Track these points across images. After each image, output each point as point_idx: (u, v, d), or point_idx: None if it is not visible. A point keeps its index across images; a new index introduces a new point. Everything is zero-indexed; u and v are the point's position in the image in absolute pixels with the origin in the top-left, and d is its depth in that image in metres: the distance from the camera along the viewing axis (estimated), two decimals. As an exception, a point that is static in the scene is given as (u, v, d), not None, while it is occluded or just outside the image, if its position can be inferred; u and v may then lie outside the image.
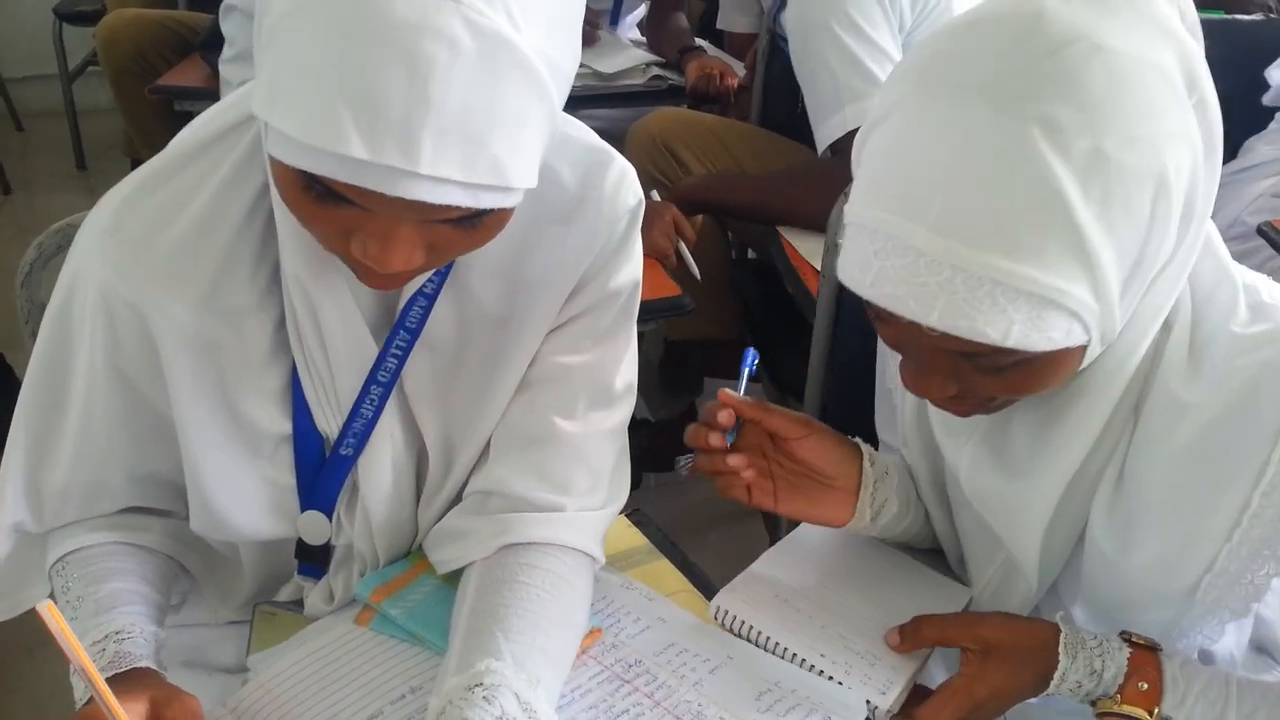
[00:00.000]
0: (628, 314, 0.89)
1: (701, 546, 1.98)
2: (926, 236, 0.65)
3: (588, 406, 0.87)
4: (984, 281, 0.65)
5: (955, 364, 0.74)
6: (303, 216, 0.68)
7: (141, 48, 2.71)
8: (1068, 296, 0.66)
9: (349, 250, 0.68)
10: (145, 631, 0.80)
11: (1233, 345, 0.76)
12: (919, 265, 0.66)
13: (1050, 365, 0.72)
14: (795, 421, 0.92)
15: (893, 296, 0.68)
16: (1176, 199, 0.67)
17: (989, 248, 0.65)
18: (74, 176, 3.72)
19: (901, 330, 0.72)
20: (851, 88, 1.63)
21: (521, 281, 0.84)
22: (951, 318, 0.66)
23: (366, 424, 0.84)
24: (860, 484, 0.94)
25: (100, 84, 3.05)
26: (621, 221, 0.85)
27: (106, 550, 0.85)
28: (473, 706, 0.70)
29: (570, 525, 0.86)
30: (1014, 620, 0.86)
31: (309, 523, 0.87)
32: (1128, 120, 0.64)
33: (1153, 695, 0.80)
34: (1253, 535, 0.76)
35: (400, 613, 0.86)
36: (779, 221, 1.76)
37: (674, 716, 0.81)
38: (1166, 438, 0.78)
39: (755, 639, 0.87)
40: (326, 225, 0.68)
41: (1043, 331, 0.67)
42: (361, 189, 0.62)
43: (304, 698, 0.81)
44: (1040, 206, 0.64)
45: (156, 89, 2.30)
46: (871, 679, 0.84)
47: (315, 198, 0.65)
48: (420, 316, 0.83)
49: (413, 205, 0.63)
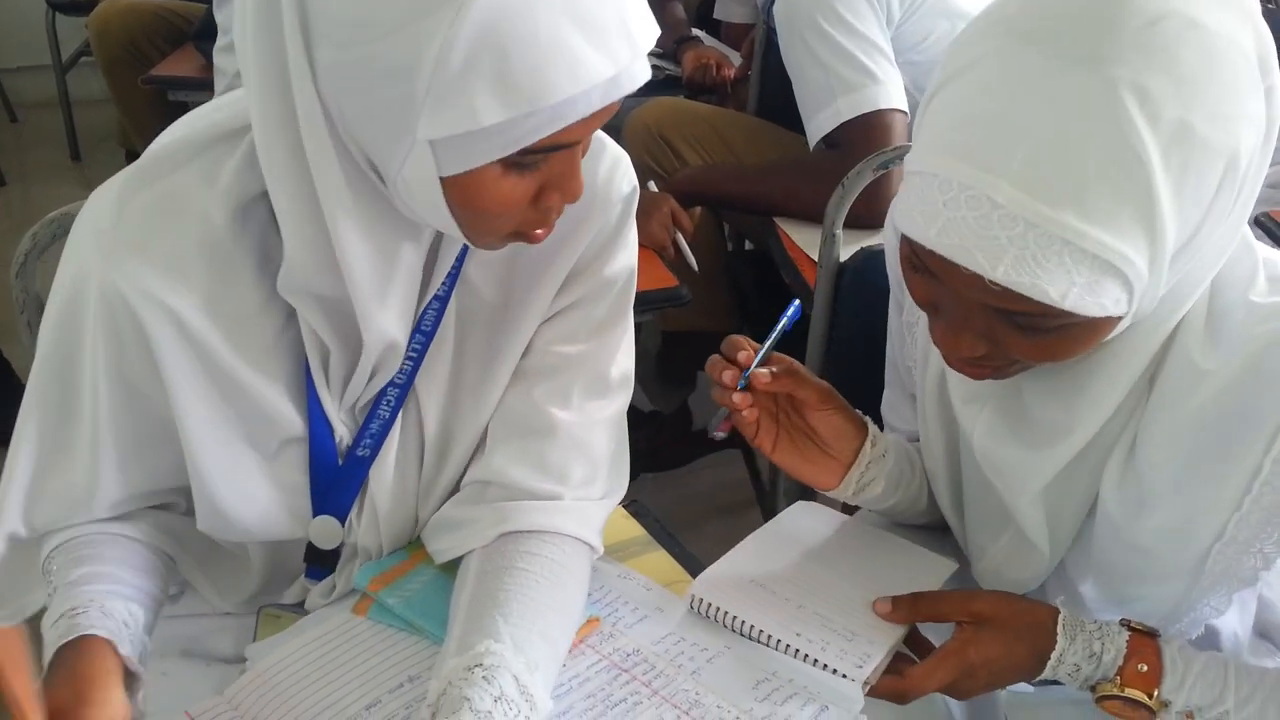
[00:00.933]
0: (624, 302, 0.90)
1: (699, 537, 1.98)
2: (1006, 190, 0.65)
3: (584, 396, 0.87)
4: (1055, 240, 0.65)
5: (992, 323, 0.74)
6: (498, 211, 0.71)
7: (134, 37, 2.69)
8: (1129, 264, 0.66)
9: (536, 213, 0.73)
10: (107, 607, 0.77)
11: (1250, 313, 0.76)
12: (993, 218, 0.66)
13: (1087, 332, 0.72)
14: (819, 392, 0.94)
15: (960, 248, 0.68)
16: (1239, 180, 0.68)
17: (1065, 206, 0.65)
18: (69, 168, 3.70)
19: (945, 286, 0.72)
20: (843, 80, 1.62)
21: (517, 270, 0.85)
22: (1017, 273, 0.66)
23: (384, 424, 0.84)
24: (855, 461, 0.96)
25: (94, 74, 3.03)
26: (616, 208, 0.85)
27: (90, 539, 0.84)
28: (472, 686, 0.70)
29: (569, 514, 0.86)
30: (1010, 597, 0.87)
31: (321, 527, 0.87)
32: (1215, 97, 0.65)
33: (1152, 677, 0.80)
34: (1263, 502, 0.77)
35: (398, 602, 0.86)
36: (775, 213, 1.76)
37: (671, 705, 0.81)
38: (1182, 404, 0.78)
39: (732, 625, 0.87)
40: (519, 203, 0.72)
41: (1097, 297, 0.67)
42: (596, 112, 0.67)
43: (301, 687, 0.80)
44: (1122, 171, 0.64)
45: (150, 79, 2.28)
46: (848, 653, 0.84)
47: (514, 177, 0.69)
48: (435, 319, 0.83)
49: (608, 110, 0.68)
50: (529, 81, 0.63)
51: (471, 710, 0.69)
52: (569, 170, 0.72)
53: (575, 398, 0.87)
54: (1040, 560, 0.90)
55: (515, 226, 0.74)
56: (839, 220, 1.39)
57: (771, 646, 0.86)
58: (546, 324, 0.87)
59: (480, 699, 0.70)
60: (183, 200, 0.76)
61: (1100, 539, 0.86)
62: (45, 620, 0.77)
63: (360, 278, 0.75)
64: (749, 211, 1.89)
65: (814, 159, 1.72)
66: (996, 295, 0.69)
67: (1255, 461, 0.75)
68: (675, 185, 1.83)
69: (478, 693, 0.70)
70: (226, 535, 0.86)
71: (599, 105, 0.67)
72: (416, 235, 0.78)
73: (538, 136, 0.66)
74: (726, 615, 0.87)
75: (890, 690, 0.84)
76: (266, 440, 0.82)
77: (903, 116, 1.63)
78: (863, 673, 0.82)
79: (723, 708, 0.80)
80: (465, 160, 0.67)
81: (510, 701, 0.71)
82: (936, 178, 0.68)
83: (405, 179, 0.69)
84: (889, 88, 1.62)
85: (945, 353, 0.79)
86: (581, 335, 0.88)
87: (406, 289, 0.80)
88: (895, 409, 1.10)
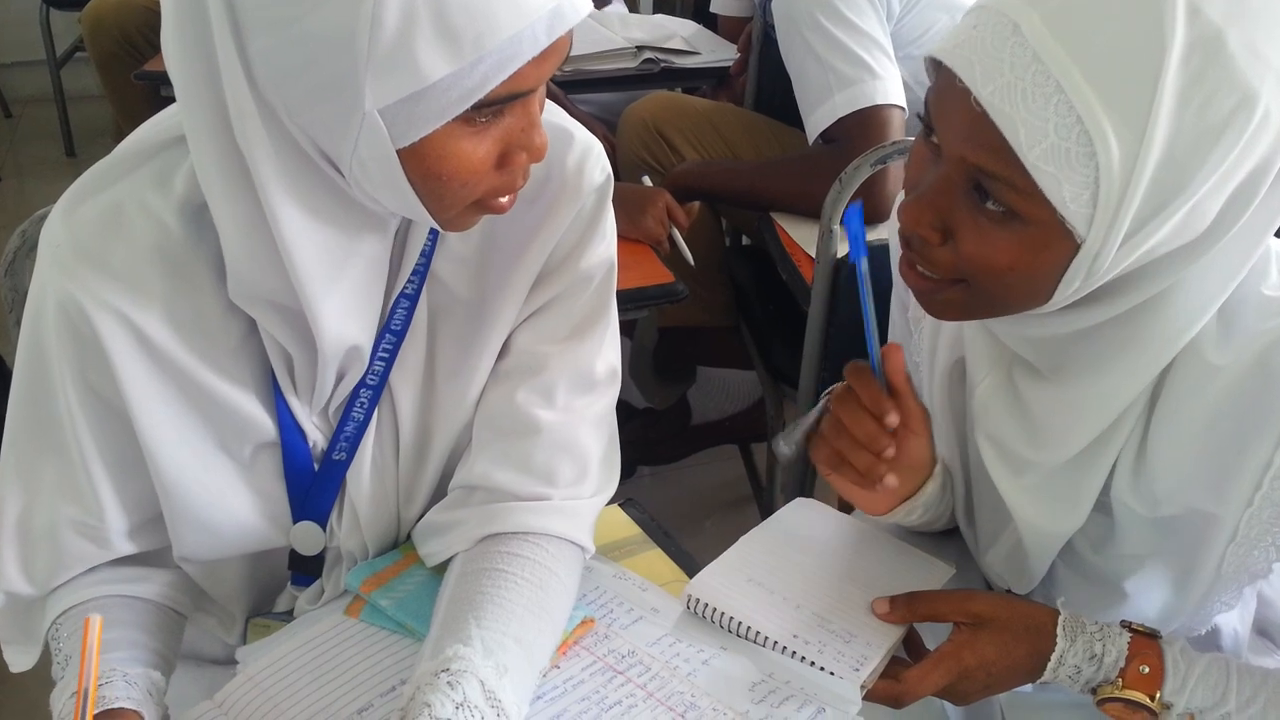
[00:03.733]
0: (604, 297, 0.88)
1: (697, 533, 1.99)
2: (1033, 20, 0.66)
3: (569, 394, 0.86)
4: (1051, 81, 0.65)
5: (955, 204, 0.73)
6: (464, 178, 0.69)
7: (127, 32, 2.68)
8: (1104, 145, 0.65)
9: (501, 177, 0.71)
10: (130, 675, 0.75)
11: (1263, 308, 0.75)
12: (1008, 42, 0.67)
13: (1034, 245, 0.71)
14: (921, 415, 0.89)
15: (965, 59, 0.68)
16: (1248, 142, 0.66)
17: (1077, 55, 0.65)
18: (64, 163, 3.69)
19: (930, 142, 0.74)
20: (841, 75, 1.62)
21: (490, 265, 0.83)
22: (1001, 99, 0.66)
23: (358, 427, 0.83)
24: (912, 495, 0.93)
25: (89, 70, 3.02)
26: (589, 198, 0.84)
27: (99, 605, 0.81)
28: (435, 691, 0.69)
29: (557, 514, 0.85)
30: (1010, 598, 0.86)
31: (302, 533, 0.86)
32: (1262, 30, 0.65)
33: (1154, 679, 0.79)
34: (1274, 497, 0.76)
35: (390, 603, 0.86)
36: (772, 208, 1.75)
37: (667, 708, 0.80)
38: (1194, 400, 0.77)
39: (729, 626, 0.87)
40: (483, 167, 0.70)
41: (1061, 169, 0.66)
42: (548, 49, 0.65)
43: (293, 690, 0.80)
44: (1141, 47, 0.64)
45: (142, 75, 2.27)
46: (845, 655, 0.83)
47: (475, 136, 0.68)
48: (404, 318, 0.82)
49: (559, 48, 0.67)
50: (470, 25, 0.62)
51: (431, 716, 0.68)
52: (528, 123, 0.70)
53: (560, 396, 0.85)
54: (1037, 561, 0.90)
55: (481, 194, 0.72)
56: (836, 216, 1.39)
57: (768, 648, 0.85)
58: (526, 323, 0.86)
59: (441, 705, 0.68)
60: (135, 207, 0.75)
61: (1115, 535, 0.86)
62: (57, 693, 0.75)
63: (308, 280, 0.72)
64: (746, 207, 1.88)
65: (812, 154, 1.71)
66: (974, 138, 0.69)
67: (1266, 456, 0.75)
68: (671, 180, 1.83)
69: (439, 699, 0.69)
70: (205, 555, 0.84)
71: (545, 40, 0.65)
72: (379, 228, 0.76)
73: (489, 86, 0.64)
74: (723, 617, 0.87)
75: (886, 694, 0.83)
76: (239, 447, 0.81)
77: (900, 112, 1.62)
78: (860, 675, 0.82)
79: (719, 710, 0.79)
80: (419, 126, 0.65)
81: (473, 707, 0.69)
82: (983, 9, 0.70)
83: (361, 160, 0.67)
84: (887, 83, 1.61)
85: (904, 225, 0.77)
86: (562, 332, 0.86)
87: (367, 287, 0.78)
88: None
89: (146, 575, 0.85)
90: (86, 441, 0.78)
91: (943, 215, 0.74)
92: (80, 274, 0.74)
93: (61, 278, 0.74)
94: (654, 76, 2.30)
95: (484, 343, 0.84)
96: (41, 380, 0.78)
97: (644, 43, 2.33)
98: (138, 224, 0.74)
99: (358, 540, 0.88)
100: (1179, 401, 0.78)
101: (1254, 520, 0.77)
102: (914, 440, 0.88)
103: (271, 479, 0.83)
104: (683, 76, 2.40)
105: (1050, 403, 0.82)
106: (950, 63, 0.69)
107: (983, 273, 0.74)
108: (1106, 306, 0.75)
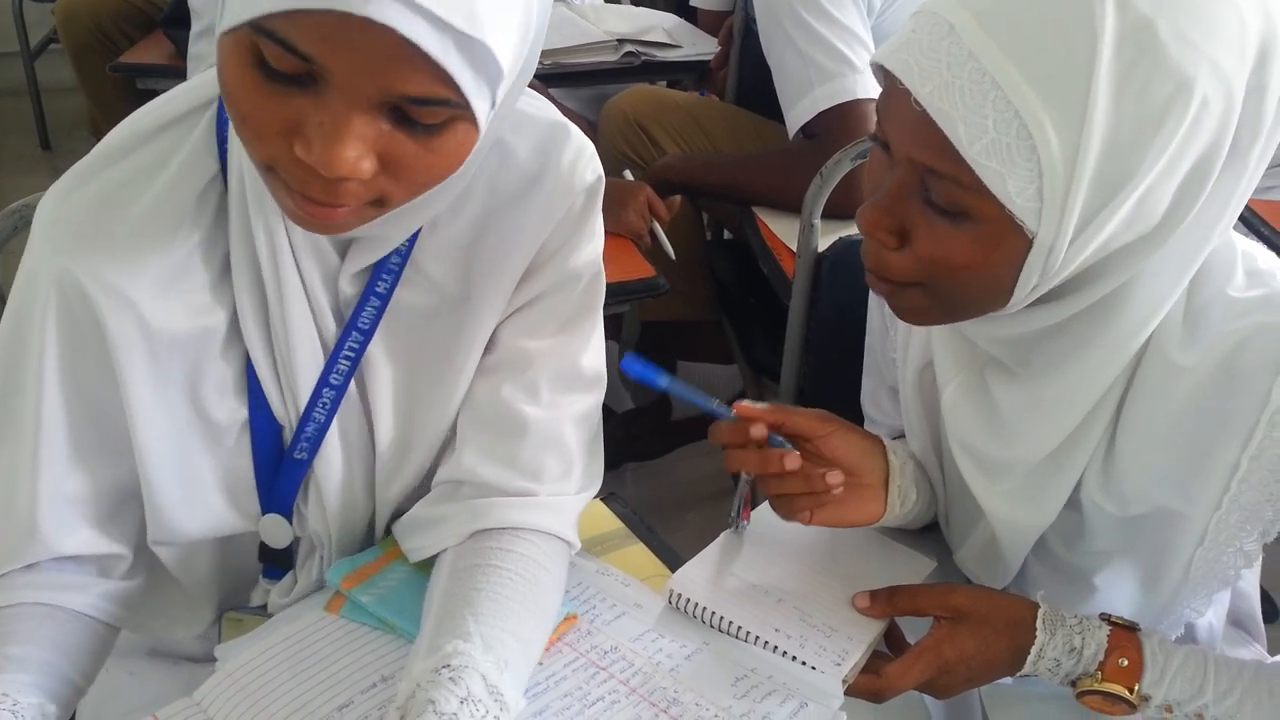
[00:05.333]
0: (592, 296, 0.88)
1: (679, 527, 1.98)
2: (966, 19, 0.67)
3: (554, 391, 0.86)
4: (986, 78, 0.66)
5: (908, 207, 0.74)
6: (249, 107, 0.63)
7: (101, 23, 2.65)
8: (1044, 138, 0.66)
9: (291, 157, 0.64)
10: (20, 705, 0.72)
11: (1228, 309, 0.76)
12: (943, 42, 0.68)
13: (987, 242, 0.71)
14: (816, 419, 0.90)
15: (904, 62, 0.70)
16: (1189, 129, 0.67)
17: (1011, 51, 0.66)
18: (39, 156, 3.65)
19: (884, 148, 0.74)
20: (821, 69, 1.62)
21: (479, 261, 0.83)
22: (940, 98, 0.67)
23: (319, 428, 0.82)
24: (888, 477, 0.93)
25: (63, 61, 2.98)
26: (579, 197, 0.83)
27: (21, 612, 0.78)
28: (438, 688, 0.69)
29: (544, 510, 0.85)
30: (990, 592, 0.87)
31: (270, 525, 0.85)
32: (1191, 18, 0.65)
33: (1133, 672, 0.80)
34: (1242, 500, 0.76)
35: (371, 599, 0.85)
36: (754, 202, 1.75)
37: (650, 704, 0.80)
38: (1161, 402, 0.77)
39: (710, 621, 0.87)
40: (270, 118, 0.63)
41: (1004, 164, 0.67)
42: (331, 22, 0.57)
43: (273, 688, 0.79)
44: (1073, 40, 0.65)
45: (117, 67, 2.25)
46: (827, 650, 0.83)
47: (265, 81, 0.62)
48: (373, 318, 0.81)
49: (373, 63, 0.59)
50: None
51: (436, 713, 0.68)
52: (328, 125, 0.62)
53: (545, 393, 0.85)
54: (1011, 557, 0.90)
55: (269, 159, 0.66)
56: (817, 210, 1.39)
57: (750, 643, 0.85)
58: (511, 319, 0.85)
59: (445, 701, 0.68)
60: (132, 190, 0.75)
61: (1086, 532, 0.86)
62: None
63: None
64: (727, 201, 1.88)
65: (792, 149, 1.72)
66: (918, 139, 0.70)
67: (1233, 459, 0.75)
68: (652, 174, 1.82)
69: (443, 694, 0.69)
70: (178, 538, 0.84)
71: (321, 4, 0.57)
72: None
73: (262, 8, 0.58)
74: (705, 611, 0.87)
75: (866, 689, 0.83)
76: (216, 429, 0.81)
77: (881, 106, 1.63)
78: (841, 670, 0.82)
79: (701, 705, 0.79)
80: (227, 18, 0.61)
81: (477, 702, 0.70)
82: (924, 13, 0.71)
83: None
84: (867, 78, 1.61)
85: (862, 230, 0.78)
86: (548, 329, 0.86)
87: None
88: (875, 400, 1.10)
89: (83, 584, 0.82)
90: (51, 432, 0.77)
91: (898, 218, 0.75)
92: (80, 254, 0.74)
93: (60, 258, 0.74)
94: (635, 70, 2.30)
95: (470, 338, 0.84)
96: (14, 369, 0.77)
97: (624, 35, 2.32)
98: (134, 207, 0.75)
99: (325, 535, 0.87)
100: (1146, 402, 0.78)
101: (1222, 524, 0.78)
102: (837, 437, 0.90)
103: (242, 459, 0.83)
104: (664, 70, 2.40)
105: (1020, 401, 0.83)
106: (890, 66, 0.71)
107: (940, 273, 0.75)
108: (1069, 303, 0.76)
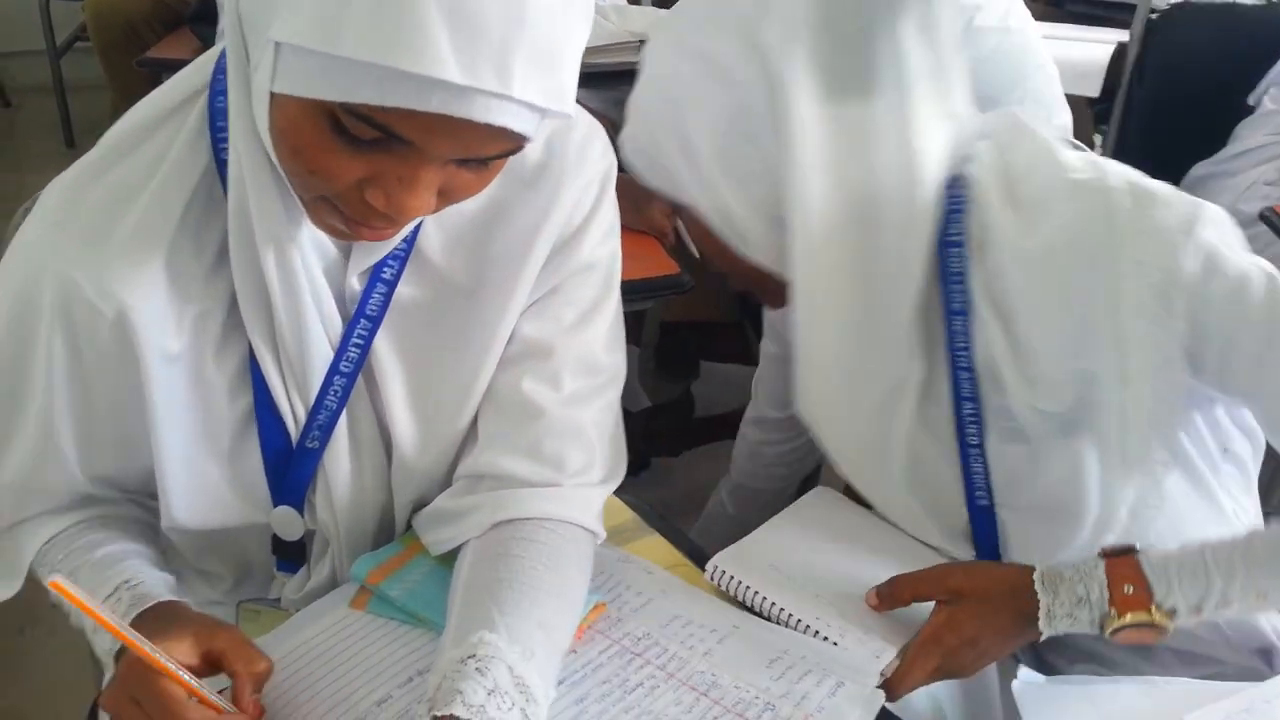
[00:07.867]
0: (609, 284, 0.87)
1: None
2: None
3: (576, 381, 0.85)
4: None
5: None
6: (321, 164, 0.64)
7: (131, 20, 2.68)
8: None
9: (359, 200, 0.66)
10: (154, 576, 0.78)
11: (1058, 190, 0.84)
12: None
13: None
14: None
15: None
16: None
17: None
18: (63, 154, 3.67)
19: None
20: None
21: (490, 252, 0.82)
22: None
23: (331, 415, 0.81)
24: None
25: (89, 59, 3.01)
26: (593, 185, 0.83)
27: (85, 526, 0.83)
28: (465, 679, 0.68)
29: (567, 500, 0.84)
30: (985, 566, 0.87)
31: (282, 518, 0.85)
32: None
33: (1143, 593, 0.80)
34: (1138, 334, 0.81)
35: (400, 593, 0.84)
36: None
37: (689, 688, 0.79)
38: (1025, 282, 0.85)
39: (750, 600, 0.86)
40: (341, 175, 0.64)
41: None
42: (434, 117, 0.59)
43: (308, 684, 0.78)
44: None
45: (144, 61, 2.27)
46: (865, 644, 0.84)
47: (343, 143, 0.63)
48: (381, 303, 0.80)
49: (465, 139, 0.62)
50: (365, 24, 0.57)
51: (464, 704, 0.67)
52: (407, 178, 0.64)
53: (567, 383, 0.84)
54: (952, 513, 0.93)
55: (334, 200, 0.67)
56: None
57: (790, 625, 0.85)
58: (531, 309, 0.84)
59: (473, 692, 0.68)
60: (134, 185, 0.75)
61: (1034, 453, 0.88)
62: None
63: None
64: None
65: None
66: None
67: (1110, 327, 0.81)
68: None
69: (470, 685, 0.68)
70: (190, 526, 0.84)
71: (436, 108, 0.59)
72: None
73: (362, 97, 0.59)
74: (747, 590, 0.86)
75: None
76: (220, 424, 0.80)
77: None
78: (879, 663, 0.82)
79: (740, 687, 0.79)
80: (295, 82, 0.61)
81: (504, 693, 0.69)
82: None
83: (258, 84, 0.65)
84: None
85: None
86: (567, 320, 0.85)
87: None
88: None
89: (113, 498, 0.86)
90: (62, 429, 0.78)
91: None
92: (83, 258, 0.74)
93: (61, 262, 0.74)
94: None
95: (485, 330, 0.83)
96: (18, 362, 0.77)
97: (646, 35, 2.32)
98: (136, 206, 0.74)
99: (334, 527, 0.86)
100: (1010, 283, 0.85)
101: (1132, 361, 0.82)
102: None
103: (250, 455, 0.82)
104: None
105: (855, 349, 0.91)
106: None
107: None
108: None
